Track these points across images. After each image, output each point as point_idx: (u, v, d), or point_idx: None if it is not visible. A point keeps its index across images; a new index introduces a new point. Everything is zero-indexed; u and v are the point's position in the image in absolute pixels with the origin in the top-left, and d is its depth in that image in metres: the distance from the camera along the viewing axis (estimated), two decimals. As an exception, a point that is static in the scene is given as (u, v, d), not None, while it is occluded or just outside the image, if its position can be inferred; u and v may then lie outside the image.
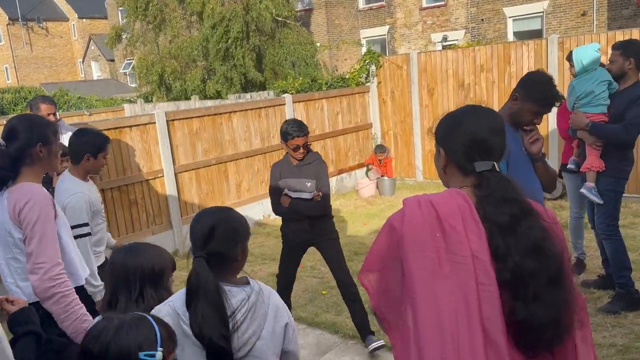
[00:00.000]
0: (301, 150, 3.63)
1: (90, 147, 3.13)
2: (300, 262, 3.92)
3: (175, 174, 6.28)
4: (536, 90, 2.51)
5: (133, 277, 1.83)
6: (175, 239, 6.29)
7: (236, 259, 1.77)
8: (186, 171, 6.42)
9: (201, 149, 6.58)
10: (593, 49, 3.73)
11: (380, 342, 3.58)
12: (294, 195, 3.69)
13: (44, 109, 4.42)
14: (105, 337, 1.34)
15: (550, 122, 7.16)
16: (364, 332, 3.68)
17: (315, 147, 8.09)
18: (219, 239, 1.72)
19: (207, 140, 6.64)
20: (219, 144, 6.78)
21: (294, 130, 3.56)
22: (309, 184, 3.66)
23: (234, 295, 1.69)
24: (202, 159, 6.58)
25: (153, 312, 1.70)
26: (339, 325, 4.05)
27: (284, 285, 3.83)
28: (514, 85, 7.65)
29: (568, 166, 4.28)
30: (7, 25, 37.85)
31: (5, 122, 8.56)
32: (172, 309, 1.71)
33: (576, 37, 6.84)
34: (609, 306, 3.83)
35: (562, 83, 7.01)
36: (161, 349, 1.36)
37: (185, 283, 1.68)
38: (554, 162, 7.18)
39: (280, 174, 3.78)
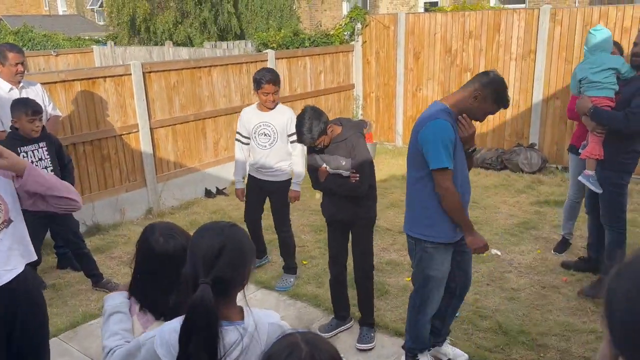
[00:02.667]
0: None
1: None
2: (345, 239, 3.56)
3: (151, 129, 6.01)
4: (497, 95, 2.73)
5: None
6: (149, 197, 6.09)
7: (241, 286, 1.55)
8: (162, 127, 6.15)
9: (178, 104, 6.29)
10: (603, 33, 3.64)
11: (371, 345, 3.48)
12: (332, 171, 3.36)
13: (11, 58, 4.13)
14: None
15: (534, 95, 7.11)
16: (363, 320, 3.58)
17: (297, 106, 7.86)
18: (228, 263, 1.49)
19: (185, 95, 6.34)
20: (197, 99, 6.49)
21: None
22: (344, 162, 3.32)
23: (227, 334, 1.49)
24: (179, 114, 6.30)
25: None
26: (320, 299, 4.02)
27: (332, 262, 3.60)
28: (501, 54, 7.57)
29: (579, 177, 4.06)
30: (-38, -52, 35.10)
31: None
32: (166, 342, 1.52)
33: (569, 9, 6.71)
34: (590, 290, 3.89)
35: (550, 56, 6.94)
36: None
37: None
38: (534, 137, 7.19)
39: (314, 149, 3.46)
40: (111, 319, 1.76)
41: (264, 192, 4.34)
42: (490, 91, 2.71)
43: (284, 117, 4.16)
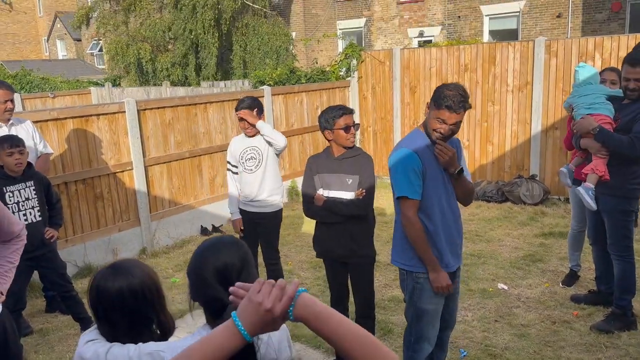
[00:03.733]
0: (352, 130, 3.15)
1: None
2: (345, 278, 3.35)
3: (145, 167, 5.90)
4: (437, 94, 2.56)
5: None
6: (143, 236, 5.93)
7: None
8: (157, 164, 6.05)
9: (174, 141, 6.21)
10: (589, 70, 3.68)
11: None
12: (331, 194, 3.18)
13: (1, 95, 4.03)
14: None
15: (532, 127, 7.06)
16: None
17: (294, 142, 7.82)
18: (247, 278, 1.44)
19: (180, 132, 6.27)
20: (193, 135, 6.42)
21: (335, 109, 3.18)
22: (350, 180, 3.11)
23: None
24: (174, 151, 6.22)
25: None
26: (320, 339, 3.80)
27: (335, 300, 3.41)
28: (498, 86, 7.57)
29: (560, 169, 4.18)
30: (-34, -2, 35.99)
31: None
32: None
33: (564, 40, 6.74)
34: (604, 324, 3.70)
35: (547, 86, 6.93)
36: None
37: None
38: (534, 168, 7.10)
39: (317, 168, 3.26)
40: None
41: (254, 224, 4.19)
42: (434, 95, 2.59)
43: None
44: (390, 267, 5.01)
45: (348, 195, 3.14)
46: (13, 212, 3.59)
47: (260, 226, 4.17)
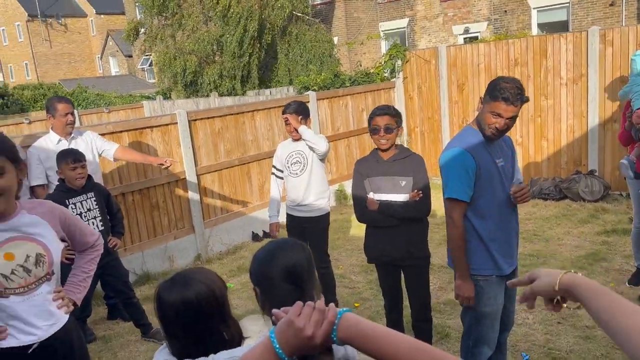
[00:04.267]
0: (382, 133, 3.04)
1: None
2: (399, 282, 3.31)
3: (198, 176, 6.04)
4: (493, 87, 2.48)
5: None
6: (197, 243, 6.06)
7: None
8: (208, 172, 6.18)
9: (223, 150, 6.33)
10: None
11: None
12: (382, 197, 3.09)
13: (61, 109, 4.23)
14: None
15: (589, 120, 6.77)
16: None
17: (340, 145, 7.81)
18: (314, 279, 1.49)
19: (229, 140, 6.39)
20: (241, 143, 6.52)
21: (372, 111, 3.14)
22: (404, 182, 3.02)
23: None
24: (224, 159, 6.33)
25: None
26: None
27: (389, 305, 3.38)
28: (550, 79, 7.32)
29: (621, 161, 3.98)
30: (26, 22, 38.13)
31: (26, 121, 8.36)
32: None
33: (619, 28, 6.43)
34: None
35: (604, 77, 6.62)
36: None
37: None
38: (593, 163, 6.79)
39: (367, 172, 3.17)
40: None
41: (303, 229, 4.17)
42: (487, 88, 2.51)
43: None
44: (445, 269, 4.91)
45: (401, 197, 3.07)
46: (76, 224, 3.74)
47: (307, 230, 4.17)
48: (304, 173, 4.10)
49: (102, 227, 3.94)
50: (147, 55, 27.71)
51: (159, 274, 5.60)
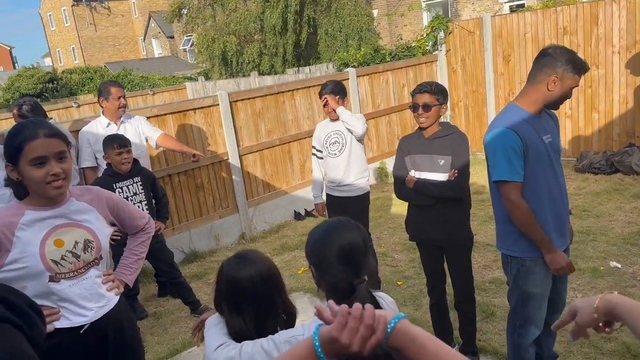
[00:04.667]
0: (420, 111, 2.98)
1: None
2: (441, 262, 3.26)
3: (240, 156, 6.13)
4: (574, 63, 2.41)
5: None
6: (241, 222, 6.18)
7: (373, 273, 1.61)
8: (250, 153, 6.26)
9: (264, 130, 6.38)
10: None
11: None
12: (422, 176, 3.07)
13: (114, 92, 4.37)
14: None
15: (645, 88, 6.43)
16: (464, 347, 3.29)
17: (381, 122, 7.73)
18: (370, 260, 1.52)
19: (270, 120, 6.43)
20: (282, 123, 6.55)
21: (417, 87, 3.08)
22: (442, 161, 2.97)
23: None
24: (265, 139, 6.39)
25: None
26: (418, 321, 3.77)
27: (431, 285, 3.36)
28: (601, 48, 6.97)
29: None
30: (72, 6, 39.15)
31: (75, 104, 8.62)
32: None
33: (679, -10, 6.03)
34: None
35: (661, 44, 6.25)
36: None
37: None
38: (649, 132, 6.47)
39: (409, 149, 3.14)
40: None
41: (343, 209, 4.11)
42: (566, 66, 2.39)
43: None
44: (490, 247, 4.84)
45: (440, 176, 3.02)
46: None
47: (348, 210, 4.12)
48: (343, 153, 4.09)
49: (147, 211, 4.05)
50: (188, 36, 28.03)
51: (206, 252, 5.76)
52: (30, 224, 1.94)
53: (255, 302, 1.66)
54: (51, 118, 4.56)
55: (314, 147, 4.33)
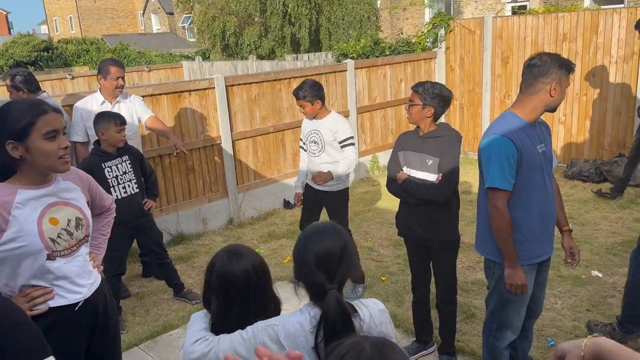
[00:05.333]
0: (406, 106, 3.16)
1: None
2: (427, 260, 3.28)
3: (233, 141, 6.11)
4: (565, 65, 2.48)
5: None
6: (230, 207, 6.18)
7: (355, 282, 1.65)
8: (244, 138, 6.24)
9: (259, 116, 6.36)
10: None
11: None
12: (412, 173, 3.11)
13: (113, 72, 4.33)
14: None
15: (637, 101, 6.47)
16: (443, 348, 3.36)
17: (376, 116, 7.73)
18: (348, 266, 1.56)
19: (265, 107, 6.40)
20: (277, 110, 6.53)
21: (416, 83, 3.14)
22: (430, 161, 3.00)
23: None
24: (259, 126, 6.37)
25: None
26: (400, 319, 3.82)
27: (415, 282, 3.38)
28: (599, 57, 6.99)
29: None
30: (71, -25, 38.48)
31: (69, 76, 8.51)
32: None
33: (680, 5, 6.05)
34: None
35: (658, 57, 6.29)
36: None
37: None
38: None
39: (403, 145, 3.18)
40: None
41: (319, 202, 4.23)
42: (560, 70, 2.45)
43: (332, 125, 4.04)
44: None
45: (428, 176, 3.04)
46: (112, 186, 3.87)
47: (327, 205, 4.21)
48: (322, 155, 4.10)
49: (137, 190, 4.04)
50: (187, 14, 27.71)
51: (193, 235, 5.77)
52: (25, 202, 1.94)
53: (247, 295, 1.71)
54: (44, 91, 4.50)
55: (301, 139, 4.36)
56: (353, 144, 4.08)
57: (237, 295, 1.70)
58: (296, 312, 1.62)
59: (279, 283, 4.24)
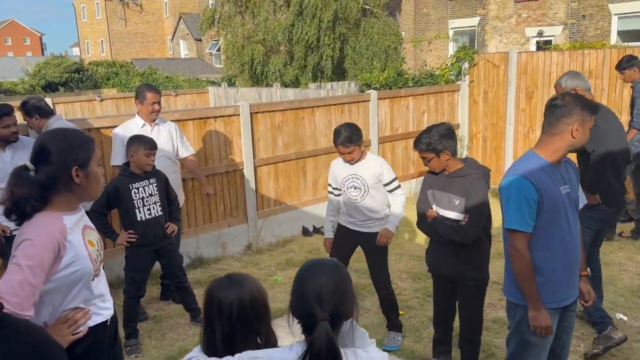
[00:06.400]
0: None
1: None
2: (453, 298, 3.25)
3: (255, 167, 6.17)
4: (587, 106, 2.47)
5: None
6: (249, 233, 6.20)
7: (347, 318, 1.64)
8: (265, 165, 6.30)
9: (282, 143, 6.43)
10: None
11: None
12: (440, 212, 3.08)
13: (149, 98, 4.46)
14: None
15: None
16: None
17: (398, 146, 7.74)
18: (342, 299, 1.58)
19: (287, 134, 6.47)
20: (299, 138, 6.60)
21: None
22: (457, 201, 2.98)
23: None
24: (281, 153, 6.43)
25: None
26: (418, 354, 3.75)
27: (437, 319, 3.33)
28: (626, 94, 6.92)
29: None
30: (105, 0, 39.82)
31: (98, 98, 8.79)
32: None
33: None
34: None
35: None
36: None
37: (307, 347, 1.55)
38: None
39: (431, 184, 3.17)
40: None
41: (355, 242, 3.96)
42: (583, 111, 2.45)
43: (374, 169, 3.78)
44: (497, 285, 4.79)
45: (457, 216, 3.02)
46: (137, 207, 3.92)
47: (365, 247, 3.92)
48: (365, 199, 3.78)
49: (161, 212, 4.09)
50: (215, 40, 28.35)
51: (212, 259, 5.78)
52: (72, 227, 1.99)
53: (228, 325, 1.72)
54: (55, 114, 4.65)
55: (330, 185, 4.05)
56: (400, 185, 3.87)
57: (218, 321, 1.72)
58: (285, 348, 1.63)
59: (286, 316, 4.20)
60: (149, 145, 3.92)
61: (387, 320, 4.06)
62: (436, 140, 2.97)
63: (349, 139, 3.63)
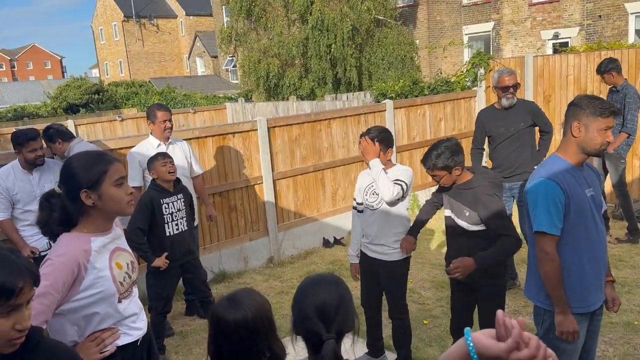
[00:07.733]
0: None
1: None
2: (471, 303, 3.23)
3: (274, 181, 6.23)
4: (594, 107, 2.42)
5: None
6: (270, 246, 6.25)
7: (348, 332, 1.62)
8: (284, 178, 6.35)
9: (299, 156, 6.48)
10: None
11: None
12: (455, 219, 3.10)
13: (160, 116, 4.55)
14: None
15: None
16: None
17: (415, 155, 7.74)
18: (345, 316, 1.57)
19: (305, 147, 6.53)
20: (317, 150, 6.64)
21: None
22: (467, 213, 3.00)
23: None
24: (300, 165, 6.48)
25: None
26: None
27: (454, 326, 3.32)
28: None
29: None
30: (122, 22, 40.71)
31: (119, 118, 9.00)
32: None
33: None
34: None
35: None
36: None
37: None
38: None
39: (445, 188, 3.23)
40: None
41: (376, 273, 3.63)
42: (586, 111, 2.41)
43: (391, 173, 3.44)
44: (520, 290, 4.75)
45: (465, 225, 3.07)
46: (167, 222, 4.00)
47: (381, 275, 3.62)
48: (382, 206, 3.47)
49: (187, 228, 4.16)
50: (231, 57, 28.72)
51: (234, 273, 5.84)
52: (99, 249, 2.05)
53: (233, 346, 1.68)
54: (76, 137, 4.76)
55: (354, 199, 3.77)
56: (401, 185, 3.36)
57: (223, 342, 1.68)
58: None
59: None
60: (161, 156, 4.02)
61: (396, 355, 3.74)
62: (449, 158, 2.97)
63: (367, 131, 3.47)
